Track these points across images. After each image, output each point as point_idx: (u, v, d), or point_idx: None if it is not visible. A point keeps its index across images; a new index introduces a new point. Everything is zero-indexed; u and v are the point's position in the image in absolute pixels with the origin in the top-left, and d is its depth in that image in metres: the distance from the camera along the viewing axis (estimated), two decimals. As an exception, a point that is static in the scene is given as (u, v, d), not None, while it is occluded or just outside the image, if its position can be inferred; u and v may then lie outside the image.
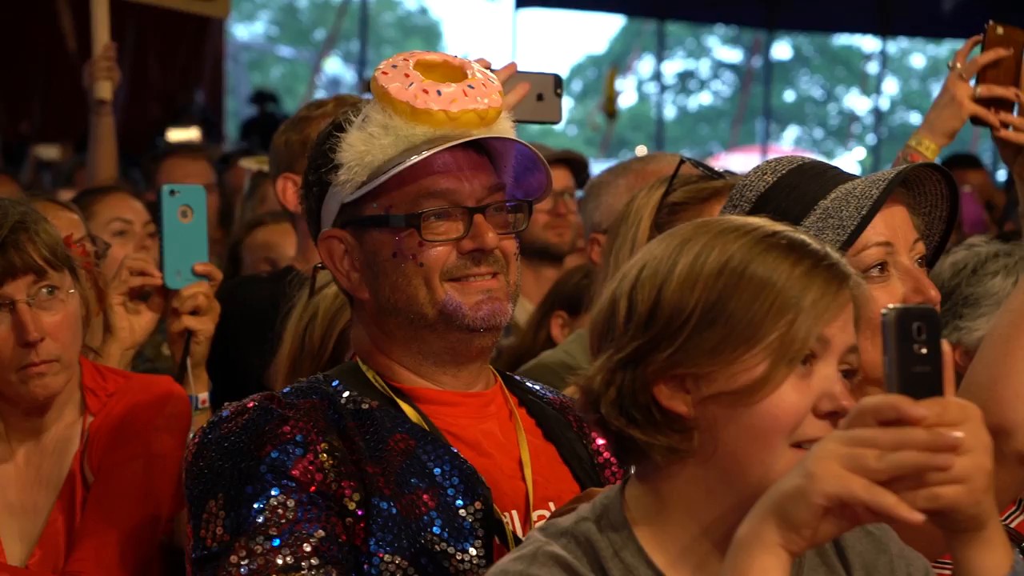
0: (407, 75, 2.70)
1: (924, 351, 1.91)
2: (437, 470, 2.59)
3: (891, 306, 1.93)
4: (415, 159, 2.64)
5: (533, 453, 2.73)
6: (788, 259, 2.12)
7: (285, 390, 2.68)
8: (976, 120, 3.74)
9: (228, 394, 3.33)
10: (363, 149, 2.69)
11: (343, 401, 2.65)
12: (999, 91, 3.72)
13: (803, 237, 2.17)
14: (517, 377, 2.91)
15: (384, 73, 2.72)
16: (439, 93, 2.68)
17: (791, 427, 2.09)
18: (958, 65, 3.76)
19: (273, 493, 2.51)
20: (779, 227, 2.18)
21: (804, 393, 2.10)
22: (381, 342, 2.74)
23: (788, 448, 2.10)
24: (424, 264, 2.67)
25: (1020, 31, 3.75)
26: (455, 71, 2.75)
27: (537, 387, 2.90)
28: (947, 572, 2.70)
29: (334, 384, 2.69)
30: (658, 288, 2.14)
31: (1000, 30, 3.74)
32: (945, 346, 1.94)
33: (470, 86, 2.70)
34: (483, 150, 2.75)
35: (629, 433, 2.15)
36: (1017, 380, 2.43)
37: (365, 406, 2.65)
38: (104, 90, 6.14)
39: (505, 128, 2.75)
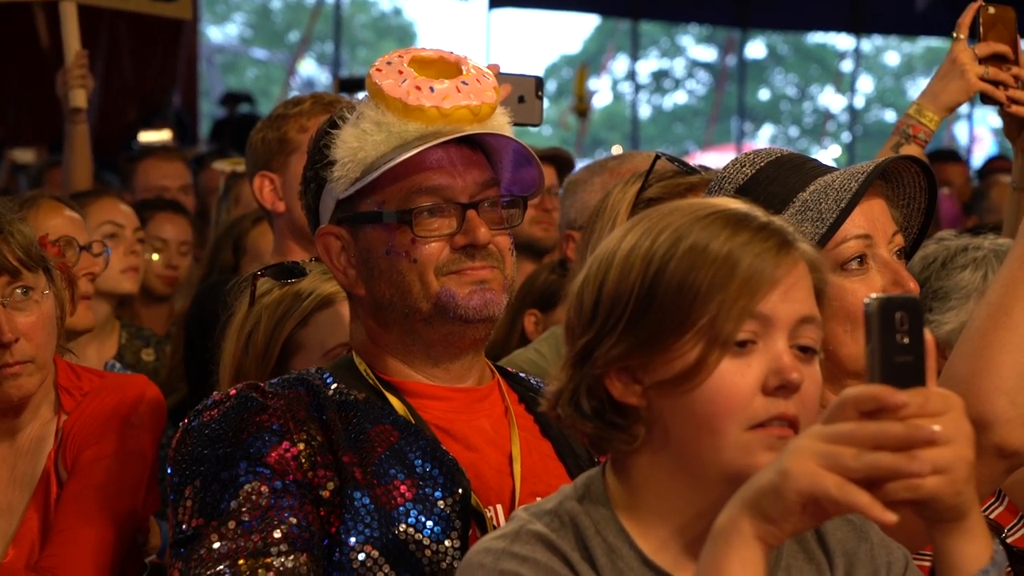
0: (401, 72, 2.71)
1: (906, 341, 1.90)
2: (418, 462, 2.60)
3: (874, 295, 1.92)
4: (406, 155, 2.65)
5: (525, 449, 2.74)
6: (718, 238, 2.10)
7: (272, 380, 2.70)
8: (984, 98, 3.74)
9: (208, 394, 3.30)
10: (356, 145, 2.70)
11: (331, 393, 2.66)
12: (1003, 76, 3.72)
13: (742, 210, 2.15)
14: (522, 375, 2.92)
15: (378, 70, 2.73)
16: (432, 90, 2.69)
17: (735, 409, 2.08)
18: (961, 36, 3.75)
19: (248, 479, 2.53)
20: (722, 203, 2.17)
21: (745, 374, 2.09)
22: (376, 336, 2.76)
23: (742, 431, 2.08)
24: (417, 260, 2.68)
25: (1010, 8, 3.77)
26: (450, 67, 2.76)
27: (540, 384, 2.90)
28: (927, 564, 2.71)
29: (325, 376, 2.71)
30: (599, 283, 2.15)
31: (992, 10, 3.75)
32: (928, 336, 1.93)
33: (464, 82, 2.71)
34: (478, 146, 2.75)
35: (581, 428, 2.17)
36: (996, 373, 2.44)
37: (352, 397, 2.67)
38: (79, 98, 6.13)
39: (500, 124, 2.76)
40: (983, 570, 1.98)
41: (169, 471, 2.62)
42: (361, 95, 2.82)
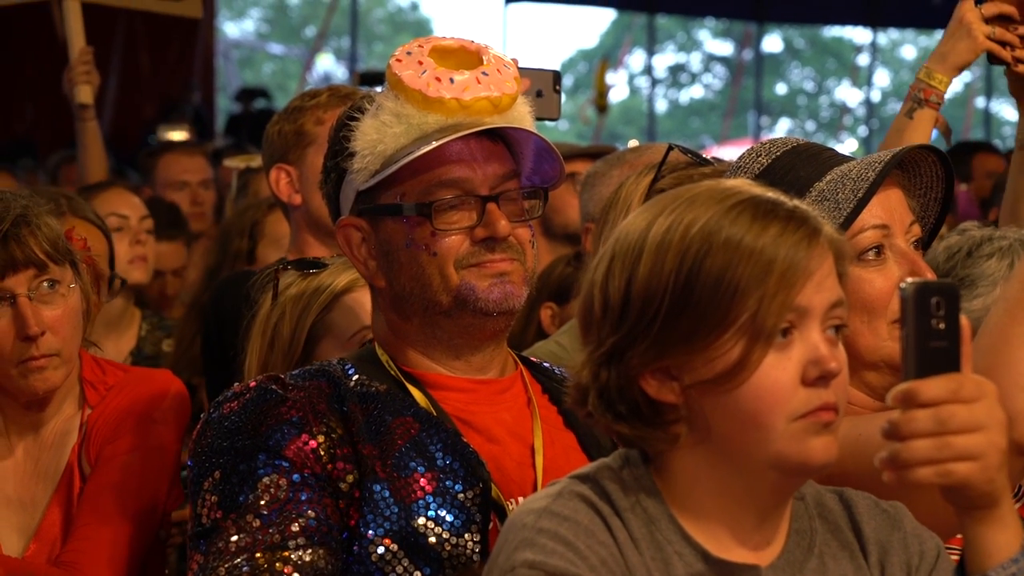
0: (420, 63, 2.69)
1: (942, 326, 1.90)
2: (439, 455, 2.59)
3: (910, 280, 1.91)
4: (426, 148, 2.64)
5: (548, 441, 2.72)
6: (750, 231, 2.08)
7: (293, 372, 2.69)
8: (991, 58, 3.74)
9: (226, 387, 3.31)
10: (375, 137, 2.68)
11: (352, 384, 2.65)
12: (1010, 36, 3.72)
13: (768, 197, 2.13)
14: (546, 364, 2.89)
15: (398, 60, 2.71)
16: (452, 81, 2.66)
17: (780, 404, 2.07)
18: None
19: (266, 472, 2.53)
20: (745, 189, 2.14)
21: (786, 368, 2.08)
22: (397, 327, 2.74)
23: (788, 423, 2.07)
24: (437, 253, 2.66)
25: None
26: (471, 57, 2.73)
27: (565, 374, 2.86)
28: (955, 557, 2.71)
29: (347, 367, 2.70)
30: (627, 279, 2.12)
31: None
32: (964, 322, 1.92)
33: (484, 73, 2.68)
34: (499, 137, 2.73)
35: (617, 429, 2.14)
36: (1014, 369, 2.40)
37: (373, 389, 2.66)
38: (84, 94, 6.12)
39: (521, 115, 2.73)
40: (1014, 559, 1.97)
41: (189, 463, 2.63)
42: (380, 89, 2.81)
